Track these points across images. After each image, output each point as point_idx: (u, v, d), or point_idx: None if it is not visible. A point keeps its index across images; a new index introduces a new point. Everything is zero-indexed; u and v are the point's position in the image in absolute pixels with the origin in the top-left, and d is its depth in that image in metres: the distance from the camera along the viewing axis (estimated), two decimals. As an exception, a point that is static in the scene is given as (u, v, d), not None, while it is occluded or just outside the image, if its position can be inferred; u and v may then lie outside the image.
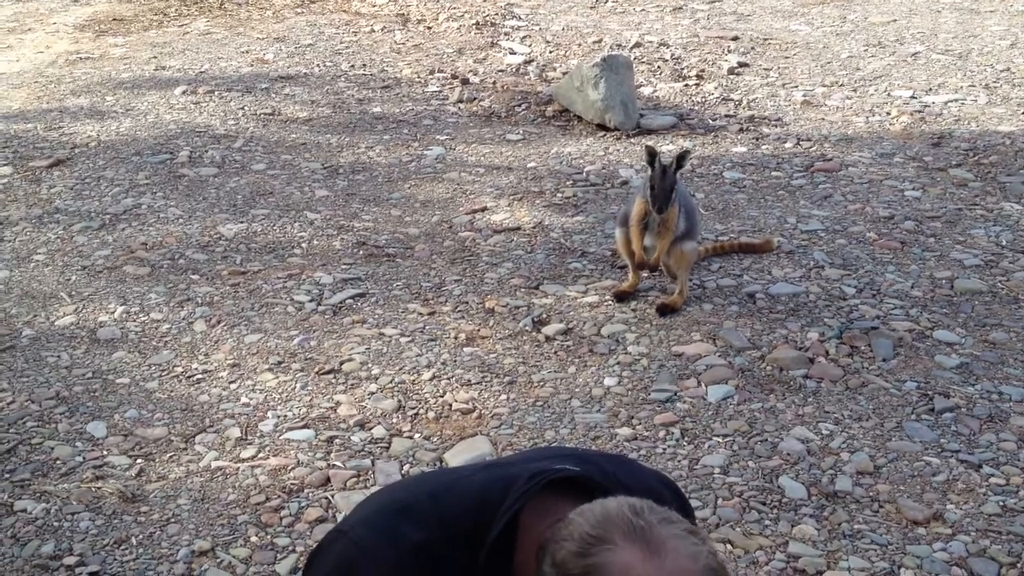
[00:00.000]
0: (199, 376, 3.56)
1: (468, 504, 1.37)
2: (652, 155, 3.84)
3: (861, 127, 5.90)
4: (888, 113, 6.09)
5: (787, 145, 5.64)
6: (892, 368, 3.49)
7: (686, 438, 3.17)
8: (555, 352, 3.67)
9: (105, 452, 3.17)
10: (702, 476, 2.99)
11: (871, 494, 2.87)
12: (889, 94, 6.42)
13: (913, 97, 6.34)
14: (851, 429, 3.17)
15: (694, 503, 2.81)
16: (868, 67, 6.97)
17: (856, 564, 2.59)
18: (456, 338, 3.77)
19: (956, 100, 6.26)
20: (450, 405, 3.35)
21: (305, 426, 3.26)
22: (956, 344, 3.63)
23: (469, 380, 3.50)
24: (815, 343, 3.65)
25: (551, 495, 1.35)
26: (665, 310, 3.90)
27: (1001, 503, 2.81)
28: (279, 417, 3.31)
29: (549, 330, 3.80)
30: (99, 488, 2.99)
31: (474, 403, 3.36)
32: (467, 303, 4.02)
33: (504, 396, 3.40)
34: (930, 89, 6.47)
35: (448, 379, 3.51)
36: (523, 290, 4.11)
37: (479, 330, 3.82)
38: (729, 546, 2.68)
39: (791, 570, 2.59)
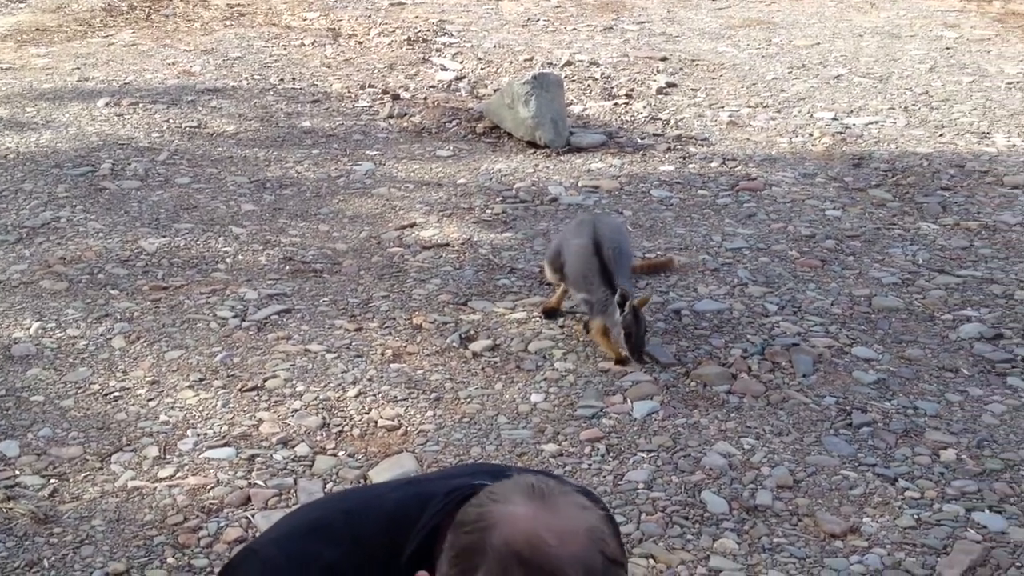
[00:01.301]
0: (117, 393, 3.48)
1: (384, 522, 1.36)
2: (624, 299, 3.54)
3: (785, 147, 6.02)
4: (811, 134, 6.21)
5: (713, 164, 5.73)
6: (812, 384, 3.56)
7: (611, 454, 3.18)
8: (482, 368, 3.66)
9: (17, 472, 3.08)
10: (626, 491, 3.01)
11: (790, 508, 2.91)
12: (812, 116, 6.55)
13: (835, 119, 6.48)
14: (772, 444, 3.22)
15: (618, 518, 2.83)
16: (792, 89, 7.11)
17: (775, 577, 2.63)
18: (383, 354, 3.74)
19: (876, 122, 6.41)
20: (375, 422, 3.33)
21: (226, 444, 3.21)
22: (874, 360, 3.70)
23: (395, 397, 3.48)
24: (738, 359, 3.70)
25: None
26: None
27: (916, 516, 2.87)
28: (199, 435, 3.25)
29: (476, 346, 3.80)
30: (10, 509, 2.90)
31: (400, 420, 3.34)
32: (394, 319, 4.00)
33: (430, 413, 3.39)
34: (851, 111, 6.62)
35: (374, 396, 3.48)
36: (451, 306, 4.10)
37: (406, 346, 3.80)
38: (652, 561, 2.70)
39: (712, 584, 2.61)
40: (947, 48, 8.35)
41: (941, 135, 6.20)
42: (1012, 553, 2.71)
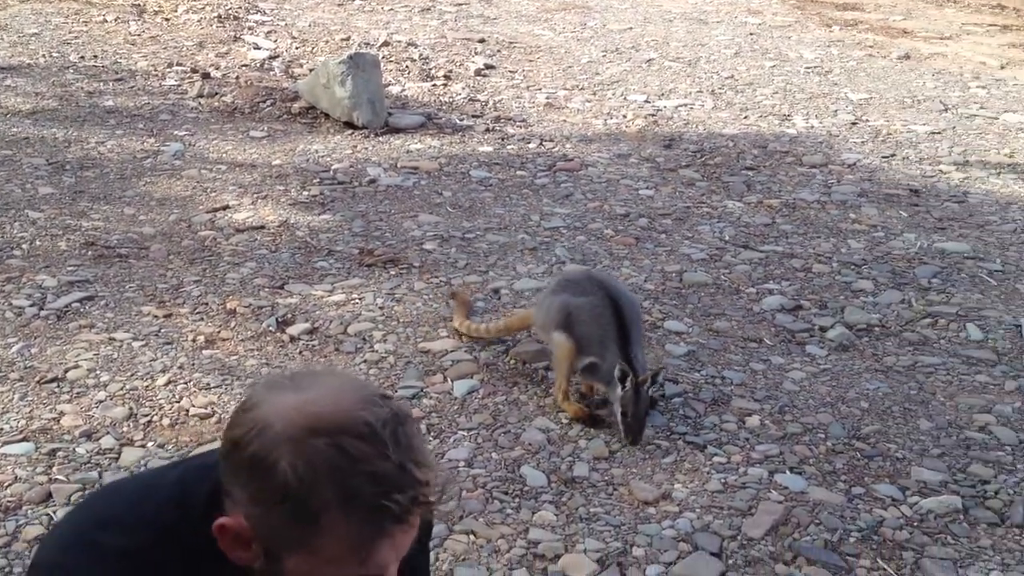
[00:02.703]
0: (-100, 390, 3.23)
1: (170, 499, 1.31)
2: (624, 375, 3.09)
3: (600, 129, 6.15)
4: (624, 116, 6.37)
5: (531, 145, 5.80)
6: (627, 357, 3.65)
7: (432, 433, 3.18)
8: (300, 352, 3.59)
9: None
10: (447, 470, 3.01)
11: (606, 478, 2.98)
12: (625, 98, 6.72)
13: (647, 101, 6.68)
14: (589, 417, 3.29)
15: (438, 497, 2.83)
16: (607, 72, 7.28)
17: (592, 546, 2.68)
18: (195, 341, 3.62)
19: (686, 104, 6.64)
20: (187, 411, 3.21)
21: (24, 439, 3.02)
22: (684, 333, 3.84)
23: (208, 384, 3.36)
24: (556, 336, 3.75)
25: None
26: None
27: (723, 480, 2.99)
28: (-6, 431, 3.06)
29: (294, 330, 3.72)
30: None
31: (213, 407, 3.24)
32: (207, 304, 3.87)
33: (245, 399, 3.29)
34: (663, 94, 6.83)
35: (185, 383, 3.36)
36: (267, 290, 4.00)
37: (220, 332, 3.68)
38: (472, 536, 2.71)
39: (531, 556, 2.65)
40: (751, 34, 8.73)
41: (746, 117, 6.48)
42: (811, 511, 2.87)
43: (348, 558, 1.15)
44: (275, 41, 7.41)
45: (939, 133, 6.34)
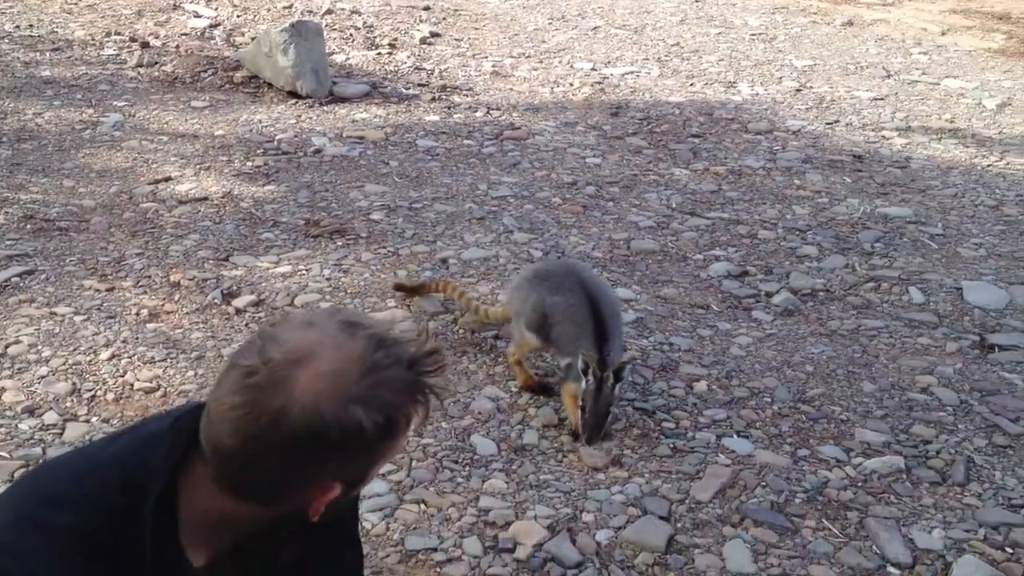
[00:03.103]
0: None
1: (115, 474, 1.28)
2: (587, 366, 2.94)
3: (547, 97, 6.13)
4: (571, 84, 6.36)
5: (478, 114, 5.76)
6: (575, 325, 3.66)
7: (381, 404, 3.16)
8: (246, 324, 3.55)
9: None
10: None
11: (556, 445, 2.99)
12: (572, 66, 6.70)
13: (594, 69, 6.66)
14: (538, 385, 3.30)
15: (389, 468, 2.82)
16: (553, 40, 7.25)
17: (542, 512, 2.69)
18: (138, 314, 3.56)
19: (632, 72, 6.63)
20: (132, 385, 3.16)
21: (-37, 417, 2.96)
22: (633, 300, 3.86)
23: (153, 357, 3.32)
24: (505, 305, 3.75)
25: (197, 445, 1.28)
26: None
27: (671, 445, 3.02)
28: (-68, 409, 2.99)
29: (240, 302, 3.67)
30: None
31: (158, 381, 3.19)
32: (150, 277, 3.81)
33: (191, 372, 3.25)
34: (609, 62, 6.82)
35: (129, 358, 3.31)
36: (211, 262, 3.95)
37: (163, 305, 3.63)
38: (423, 506, 2.71)
39: (482, 524, 2.65)
40: (696, 1, 8.74)
41: (691, 84, 6.49)
42: (758, 474, 2.90)
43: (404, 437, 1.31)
44: (216, 9, 7.28)
45: (882, 99, 6.42)
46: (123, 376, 3.21)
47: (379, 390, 1.23)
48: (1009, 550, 2.62)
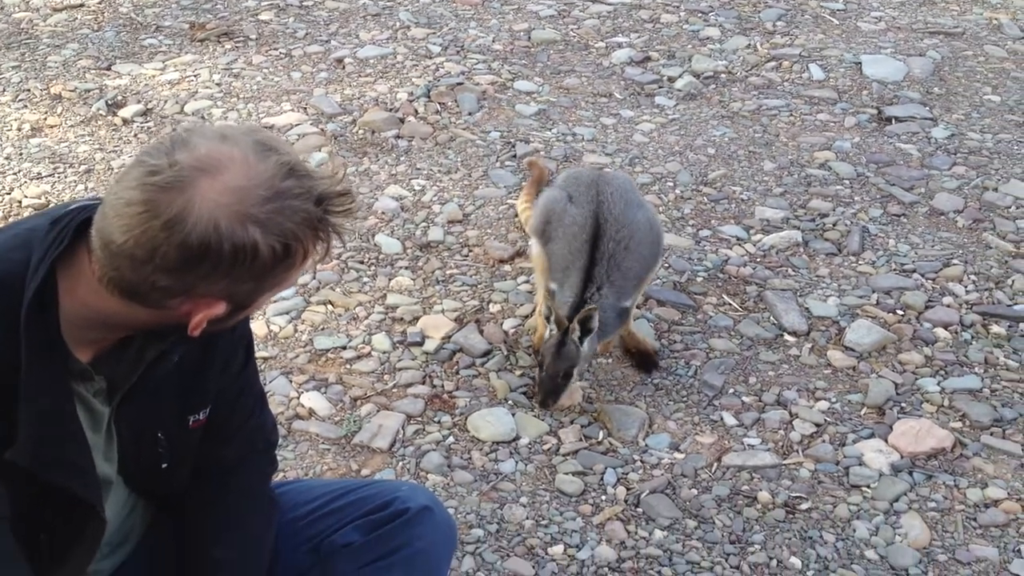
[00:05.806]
0: None
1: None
2: (550, 311, 2.42)
3: None
4: None
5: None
6: (477, 120, 3.60)
7: (282, 209, 3.11)
8: (135, 135, 3.42)
9: None
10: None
11: (461, 240, 2.99)
12: None
13: None
14: (441, 182, 3.26)
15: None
16: None
17: (449, 306, 2.72)
18: (20, 129, 3.40)
19: None
20: (19, 202, 3.05)
21: None
22: (534, 92, 3.79)
23: (39, 173, 3.19)
24: (404, 103, 3.67)
25: (82, 242, 1.25)
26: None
27: (576, 233, 3.04)
28: None
29: (126, 112, 3.53)
30: None
31: (47, 196, 3.08)
32: (29, 91, 3.63)
33: (81, 186, 3.15)
34: None
35: (15, 174, 3.18)
36: (93, 72, 3.76)
37: (46, 118, 3.47)
38: (330, 306, 2.71)
39: (390, 320, 2.67)
40: None
41: None
42: (662, 256, 2.96)
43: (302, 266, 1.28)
44: None
45: None
46: (9, 193, 3.09)
47: (281, 217, 1.19)
48: (900, 312, 2.73)
